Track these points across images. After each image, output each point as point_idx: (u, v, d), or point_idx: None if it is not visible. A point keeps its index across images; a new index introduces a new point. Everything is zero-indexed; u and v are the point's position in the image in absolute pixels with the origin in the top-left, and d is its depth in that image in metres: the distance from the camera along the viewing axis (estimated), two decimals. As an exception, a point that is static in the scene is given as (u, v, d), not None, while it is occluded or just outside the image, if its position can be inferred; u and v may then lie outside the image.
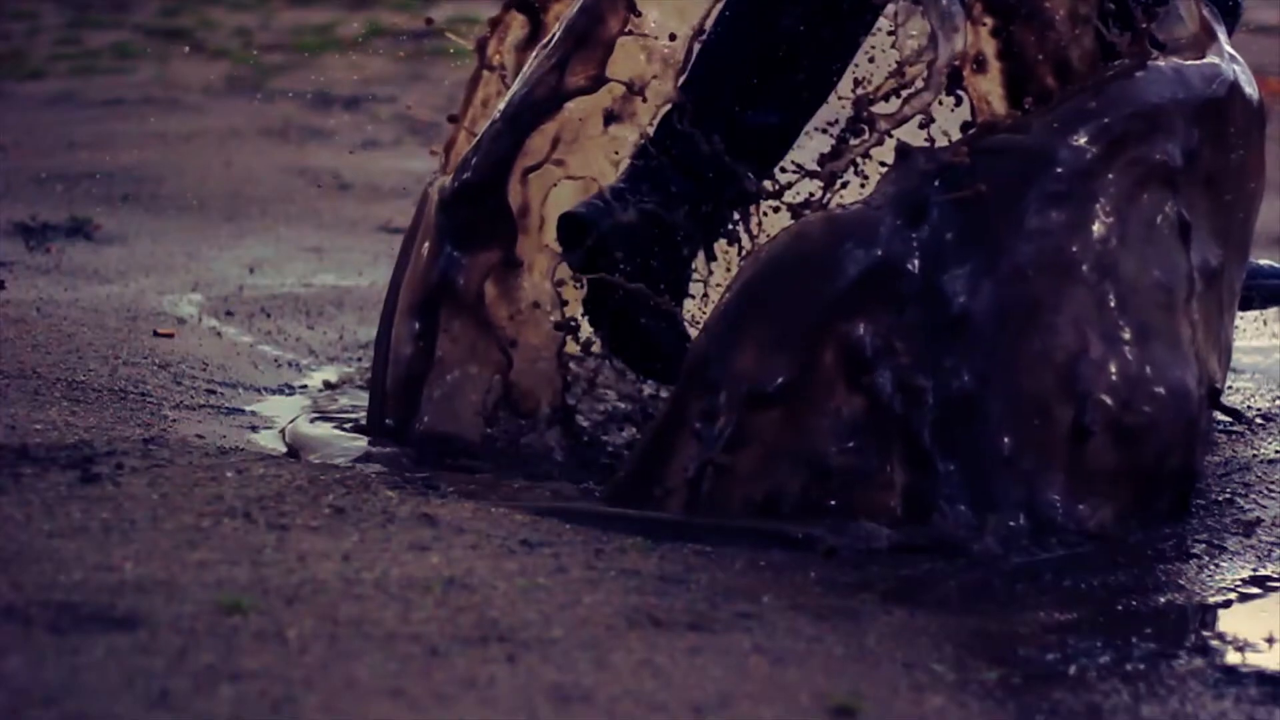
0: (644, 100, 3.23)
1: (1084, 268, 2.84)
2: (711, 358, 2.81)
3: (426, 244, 3.17)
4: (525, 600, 2.35)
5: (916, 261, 2.81)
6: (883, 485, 2.77)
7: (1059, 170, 2.84)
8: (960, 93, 3.02)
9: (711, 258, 3.26)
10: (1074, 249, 2.84)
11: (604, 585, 2.44)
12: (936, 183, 2.83)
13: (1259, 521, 2.91)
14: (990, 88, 2.98)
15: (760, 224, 3.34)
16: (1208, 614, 2.57)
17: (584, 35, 3.13)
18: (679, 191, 3.15)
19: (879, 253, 2.81)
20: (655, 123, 3.21)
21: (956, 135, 2.98)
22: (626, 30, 3.16)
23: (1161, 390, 2.86)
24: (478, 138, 3.20)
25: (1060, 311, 2.82)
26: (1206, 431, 3.01)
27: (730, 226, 3.27)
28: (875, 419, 2.77)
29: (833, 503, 2.76)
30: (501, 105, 3.19)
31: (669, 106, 3.17)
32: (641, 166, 3.16)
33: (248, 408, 3.34)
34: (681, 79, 3.17)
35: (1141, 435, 2.85)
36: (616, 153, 3.33)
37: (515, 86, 3.19)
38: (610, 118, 3.26)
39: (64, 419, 3.02)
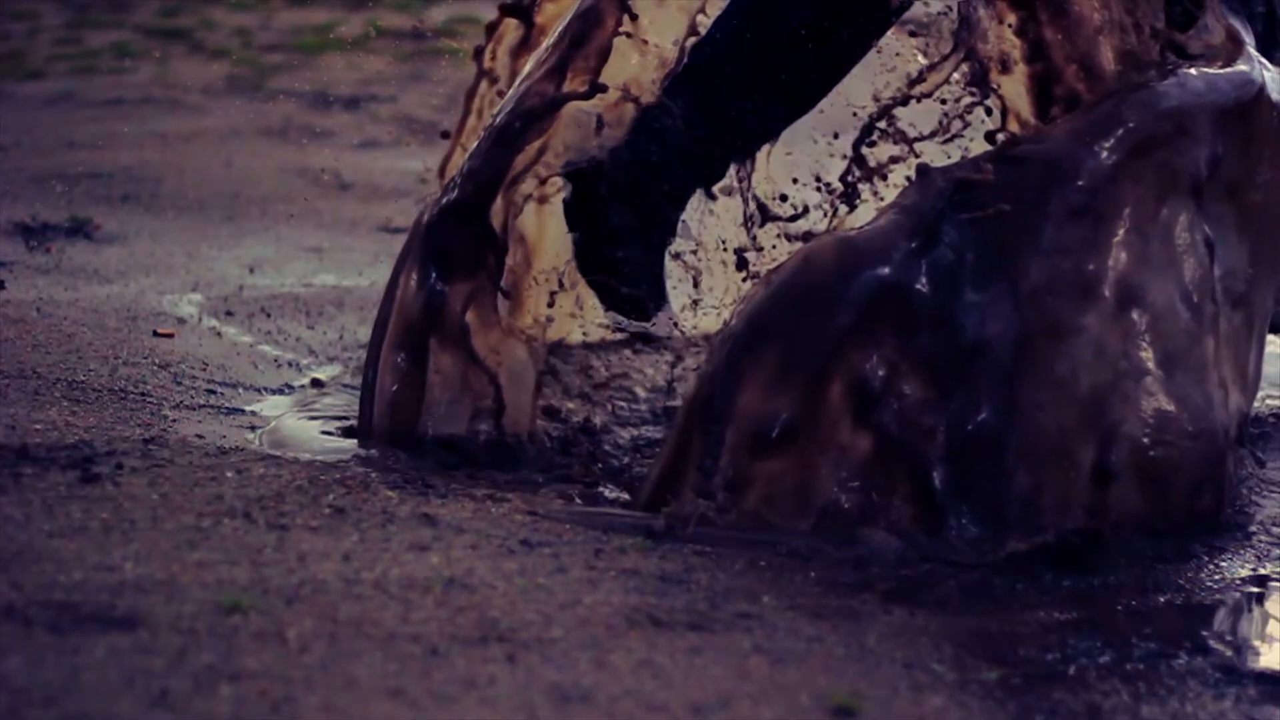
0: (640, 106, 3.21)
1: (1106, 291, 2.76)
2: (717, 392, 2.75)
3: (413, 272, 3.13)
4: (525, 600, 2.35)
5: (931, 287, 2.73)
6: (890, 528, 2.71)
7: (1080, 182, 2.76)
8: (986, 105, 2.99)
9: (711, 198, 3.24)
10: (1095, 270, 2.75)
11: (604, 585, 2.44)
12: (954, 201, 2.76)
13: (1259, 522, 2.91)
14: (1016, 89, 2.94)
15: (775, 247, 3.33)
16: (1208, 614, 2.57)
17: (580, 40, 3.11)
18: (678, 143, 3.12)
19: (891, 279, 2.73)
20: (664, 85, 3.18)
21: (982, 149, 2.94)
22: (623, 33, 3.15)
23: (1189, 427, 2.78)
24: (467, 155, 3.18)
25: (1081, 340, 2.73)
26: (1237, 470, 2.91)
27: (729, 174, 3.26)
28: (883, 459, 2.70)
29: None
30: (493, 118, 3.17)
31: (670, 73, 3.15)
32: (641, 126, 3.14)
33: (248, 408, 3.34)
34: (683, 63, 3.15)
35: (1168, 476, 2.78)
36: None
37: (507, 99, 3.17)
38: (601, 123, 3.24)
39: (64, 419, 3.02)
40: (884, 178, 3.17)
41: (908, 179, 2.86)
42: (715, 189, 3.34)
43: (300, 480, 2.77)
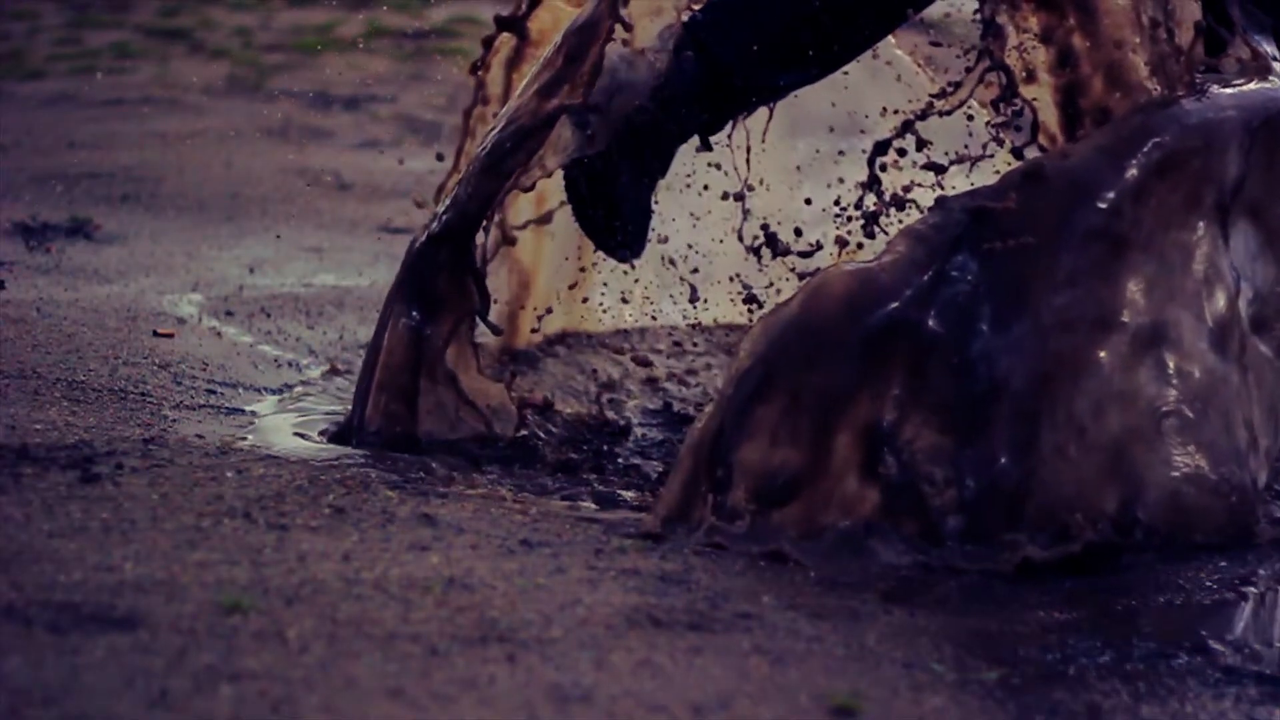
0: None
1: (1129, 326, 2.67)
2: (724, 435, 2.67)
3: (401, 309, 3.09)
4: (525, 600, 2.35)
5: (946, 324, 2.64)
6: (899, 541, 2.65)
7: (1104, 204, 2.67)
8: (1016, 124, 2.97)
9: (708, 148, 3.23)
10: (1118, 302, 2.66)
11: (604, 585, 2.44)
12: (973, 231, 2.67)
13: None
14: (1044, 102, 2.90)
15: (787, 280, 3.33)
16: (1208, 614, 2.57)
17: (576, 54, 3.06)
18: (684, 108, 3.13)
19: (904, 316, 2.63)
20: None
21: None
22: (619, 39, 3.14)
23: (1214, 478, 2.70)
24: (458, 181, 3.15)
25: (1103, 379, 2.65)
26: (1266, 518, 2.80)
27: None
28: (892, 512, 2.63)
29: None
30: (484, 140, 3.13)
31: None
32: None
33: (248, 408, 3.34)
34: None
35: (1195, 527, 2.71)
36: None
37: (498, 118, 3.14)
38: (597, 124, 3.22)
39: (64, 419, 3.02)
40: (901, 207, 3.15)
41: (929, 208, 2.77)
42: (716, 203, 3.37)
43: (300, 480, 2.78)
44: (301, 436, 3.15)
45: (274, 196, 5.46)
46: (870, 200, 3.21)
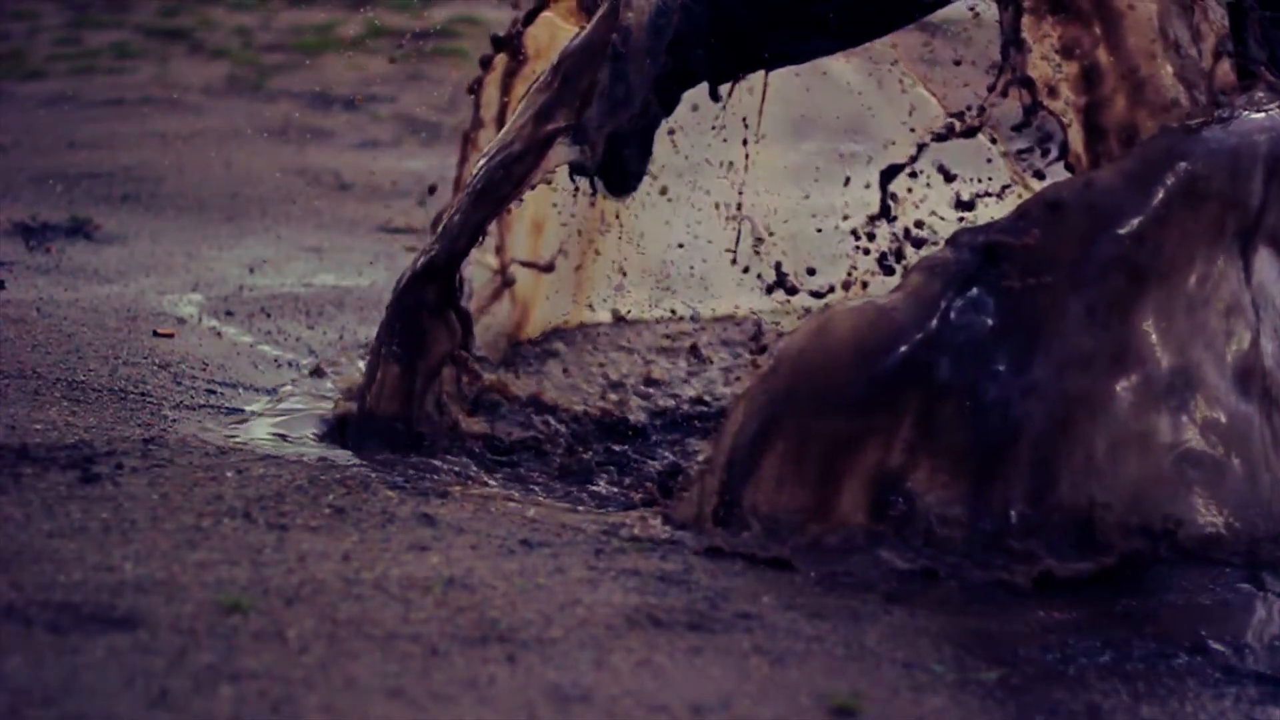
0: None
1: (1150, 363, 2.62)
2: (732, 478, 2.65)
3: (392, 347, 3.08)
4: (525, 600, 2.35)
5: (958, 367, 2.57)
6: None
7: (1125, 233, 2.60)
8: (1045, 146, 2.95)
9: (716, 99, 3.23)
10: (1139, 337, 2.61)
11: (604, 585, 2.44)
12: (989, 265, 2.60)
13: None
14: (1069, 120, 2.87)
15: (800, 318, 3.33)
16: (1208, 614, 2.57)
17: (572, 75, 3.02)
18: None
19: (914, 356, 2.57)
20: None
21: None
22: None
23: (1238, 525, 2.67)
24: (450, 212, 3.15)
25: (1123, 419, 2.60)
26: None
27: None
28: (901, 542, 2.59)
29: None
30: (477, 167, 3.11)
31: None
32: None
33: (248, 408, 3.34)
34: None
35: (1212, 560, 2.66)
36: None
37: (491, 144, 3.12)
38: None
39: (64, 419, 3.02)
40: (918, 245, 3.12)
41: (945, 241, 2.71)
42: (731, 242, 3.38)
43: (300, 480, 2.78)
44: (282, 437, 3.15)
45: (274, 196, 5.45)
46: (884, 233, 3.19)
